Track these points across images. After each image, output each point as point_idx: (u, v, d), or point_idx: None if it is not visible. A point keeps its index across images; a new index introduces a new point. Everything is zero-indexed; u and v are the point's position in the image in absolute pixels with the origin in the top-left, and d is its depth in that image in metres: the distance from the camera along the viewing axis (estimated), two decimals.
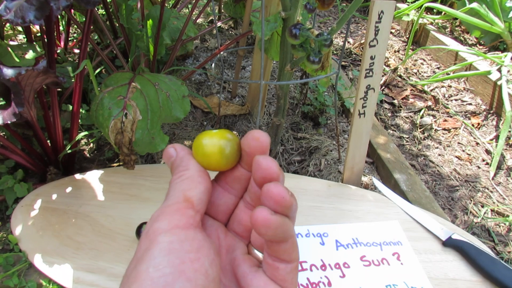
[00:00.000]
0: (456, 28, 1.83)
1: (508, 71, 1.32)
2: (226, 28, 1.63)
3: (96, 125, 0.58)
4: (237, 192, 0.31)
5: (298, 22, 0.69)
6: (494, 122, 1.30)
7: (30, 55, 0.66)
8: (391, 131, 1.25)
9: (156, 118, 0.57)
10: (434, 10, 1.77)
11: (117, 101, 0.55)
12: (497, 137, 1.21)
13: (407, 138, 1.23)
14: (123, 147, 0.54)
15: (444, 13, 1.64)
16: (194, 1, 1.03)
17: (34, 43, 0.87)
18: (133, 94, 0.56)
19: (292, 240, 0.27)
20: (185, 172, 0.28)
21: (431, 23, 1.82)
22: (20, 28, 1.08)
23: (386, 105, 1.37)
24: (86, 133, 0.78)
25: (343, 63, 1.60)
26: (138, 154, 0.59)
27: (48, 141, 0.77)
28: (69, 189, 0.72)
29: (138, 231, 0.63)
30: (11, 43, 0.81)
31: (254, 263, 0.29)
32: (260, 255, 0.30)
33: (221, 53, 1.27)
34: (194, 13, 1.63)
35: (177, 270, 0.23)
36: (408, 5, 1.91)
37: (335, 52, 1.68)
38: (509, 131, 1.21)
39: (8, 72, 0.44)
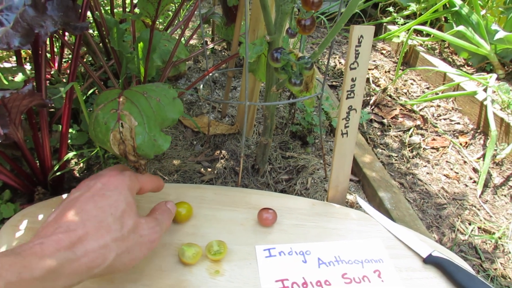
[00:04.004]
0: (445, 50, 1.87)
1: (493, 92, 1.35)
2: (220, 49, 1.67)
3: (98, 143, 0.59)
4: None
5: (280, 46, 0.72)
6: (482, 141, 1.32)
7: (19, 77, 0.68)
8: (380, 150, 1.26)
9: (152, 122, 0.58)
10: (424, 32, 1.81)
11: (111, 114, 0.56)
12: (484, 156, 1.23)
13: (396, 156, 1.24)
14: (128, 155, 0.55)
15: (433, 35, 1.68)
16: (188, 24, 1.06)
17: (28, 64, 0.89)
18: (124, 105, 0.57)
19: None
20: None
21: (421, 45, 1.86)
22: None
23: (375, 124, 1.40)
24: (74, 152, 0.79)
25: (333, 83, 1.63)
26: (146, 158, 0.59)
27: (37, 161, 0.79)
28: None
29: None
30: (5, 64, 0.84)
31: None
32: None
33: (214, 74, 1.29)
34: (187, 34, 1.67)
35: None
36: (398, 27, 1.96)
37: (327, 73, 1.71)
38: (495, 150, 1.23)
39: None
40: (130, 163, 0.59)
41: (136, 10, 1.20)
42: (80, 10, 0.64)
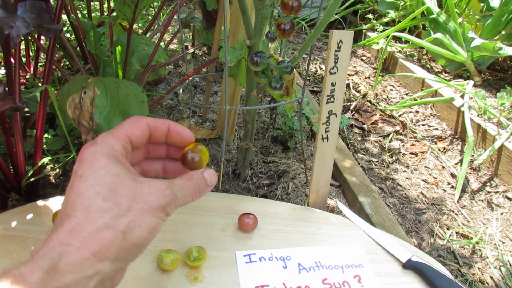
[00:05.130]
0: (423, 56, 1.90)
1: (470, 98, 1.38)
2: (200, 54, 1.66)
3: (65, 118, 0.55)
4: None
5: (260, 50, 0.72)
6: (459, 147, 1.34)
7: None
8: (361, 155, 1.27)
9: (116, 102, 0.55)
10: (403, 39, 1.84)
11: (76, 86, 0.54)
12: (461, 161, 1.25)
13: (376, 161, 1.25)
14: (82, 120, 0.52)
15: (411, 42, 1.71)
16: (167, 28, 1.05)
17: (3, 68, 0.87)
18: (92, 80, 0.55)
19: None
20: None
21: (400, 51, 1.89)
22: None
23: (356, 130, 1.41)
24: (50, 158, 0.77)
25: (314, 88, 1.64)
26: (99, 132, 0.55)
27: (11, 167, 0.76)
28: (29, 216, 0.71)
29: None
30: None
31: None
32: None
33: (194, 78, 1.28)
34: (168, 39, 1.66)
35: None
36: (378, 34, 1.99)
37: (308, 78, 1.72)
38: (472, 155, 1.25)
39: None
40: (83, 135, 0.53)
41: (114, 14, 1.18)
42: (54, 12, 0.63)
